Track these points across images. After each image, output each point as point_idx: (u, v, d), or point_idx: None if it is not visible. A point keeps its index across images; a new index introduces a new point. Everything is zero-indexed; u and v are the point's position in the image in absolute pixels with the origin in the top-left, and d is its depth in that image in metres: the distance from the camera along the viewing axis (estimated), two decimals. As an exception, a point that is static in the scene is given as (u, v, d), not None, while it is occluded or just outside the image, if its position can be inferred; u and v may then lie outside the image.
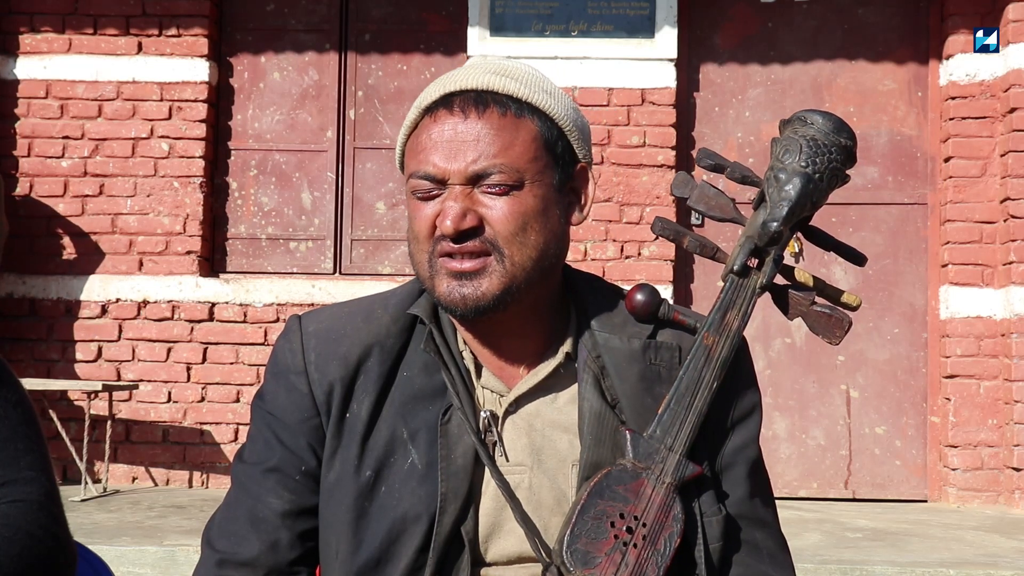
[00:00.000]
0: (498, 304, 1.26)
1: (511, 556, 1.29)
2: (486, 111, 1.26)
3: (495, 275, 1.25)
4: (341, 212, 6.02)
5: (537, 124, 1.28)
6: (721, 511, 1.30)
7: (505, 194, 1.25)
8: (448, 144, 1.25)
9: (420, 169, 1.27)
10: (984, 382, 5.64)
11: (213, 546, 1.32)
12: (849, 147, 1.32)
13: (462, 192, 1.25)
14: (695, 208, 1.37)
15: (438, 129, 1.26)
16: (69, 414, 5.70)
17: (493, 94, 1.28)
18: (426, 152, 1.27)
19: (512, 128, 1.27)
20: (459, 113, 1.26)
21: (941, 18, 5.90)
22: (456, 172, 1.25)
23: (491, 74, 1.29)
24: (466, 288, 1.25)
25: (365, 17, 6.09)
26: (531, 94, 1.29)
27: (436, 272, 1.27)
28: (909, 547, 4.33)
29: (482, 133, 1.25)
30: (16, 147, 5.93)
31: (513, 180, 1.25)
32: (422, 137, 1.28)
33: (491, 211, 1.25)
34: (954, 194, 5.73)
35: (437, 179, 1.26)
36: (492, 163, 1.25)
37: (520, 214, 1.26)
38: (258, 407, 1.36)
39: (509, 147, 1.26)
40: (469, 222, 1.24)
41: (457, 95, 1.28)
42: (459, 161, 1.25)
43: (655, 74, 5.76)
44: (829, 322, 1.35)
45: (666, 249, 5.71)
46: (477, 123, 1.26)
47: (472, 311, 1.26)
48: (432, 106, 1.29)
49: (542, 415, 1.32)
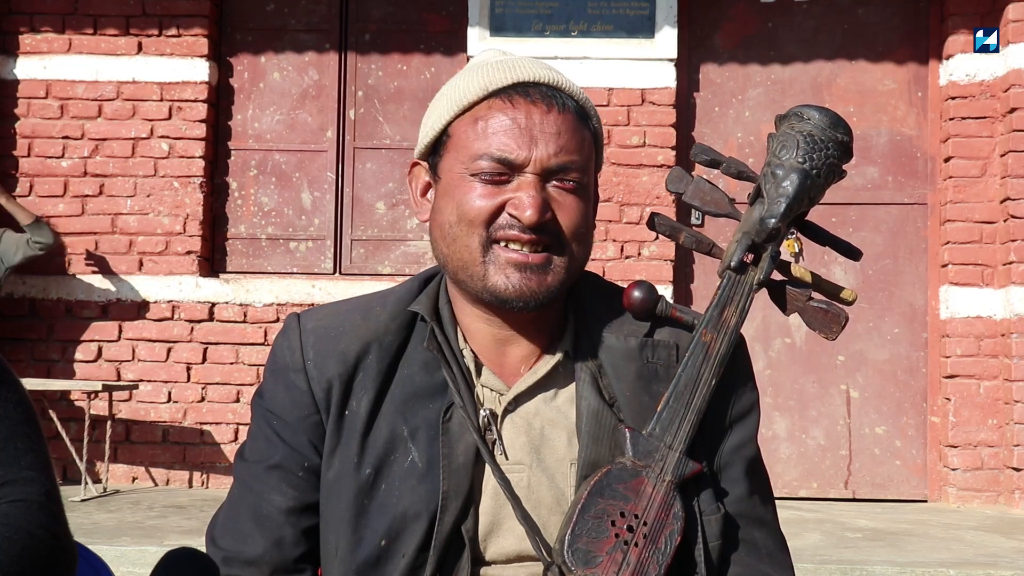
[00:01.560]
0: (556, 298, 1.28)
1: (510, 555, 1.29)
2: (565, 107, 1.27)
3: (558, 270, 1.26)
4: (341, 212, 6.02)
5: (593, 128, 1.31)
6: (720, 510, 1.30)
7: (574, 191, 1.26)
8: (527, 132, 1.24)
9: (495, 152, 1.24)
10: (984, 382, 5.64)
11: (217, 544, 1.32)
12: (846, 142, 1.32)
13: (537, 182, 1.24)
14: (690, 203, 1.37)
15: (514, 115, 1.25)
16: (69, 414, 5.70)
17: (562, 91, 1.29)
18: (499, 135, 1.25)
19: (581, 128, 1.28)
20: (540, 103, 1.26)
21: (941, 18, 5.90)
22: (538, 161, 1.24)
23: (553, 72, 1.30)
24: (531, 281, 1.25)
25: (365, 17, 6.09)
26: (586, 100, 1.32)
27: (492, 260, 1.25)
28: (909, 547, 4.33)
29: (563, 128, 1.25)
30: (16, 147, 5.93)
31: (583, 180, 1.27)
32: (494, 119, 1.25)
33: (563, 206, 1.26)
34: (954, 194, 5.73)
35: (515, 164, 1.24)
36: (571, 159, 1.25)
37: (584, 213, 1.28)
38: (258, 405, 1.36)
39: (581, 147, 1.27)
40: (548, 215, 1.25)
41: (532, 85, 1.27)
42: (541, 150, 1.24)
43: (655, 74, 5.76)
44: (826, 318, 1.35)
45: (666, 249, 5.71)
46: (559, 116, 1.26)
47: (533, 304, 1.26)
48: (504, 90, 1.27)
49: (541, 414, 1.31)
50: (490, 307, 1.30)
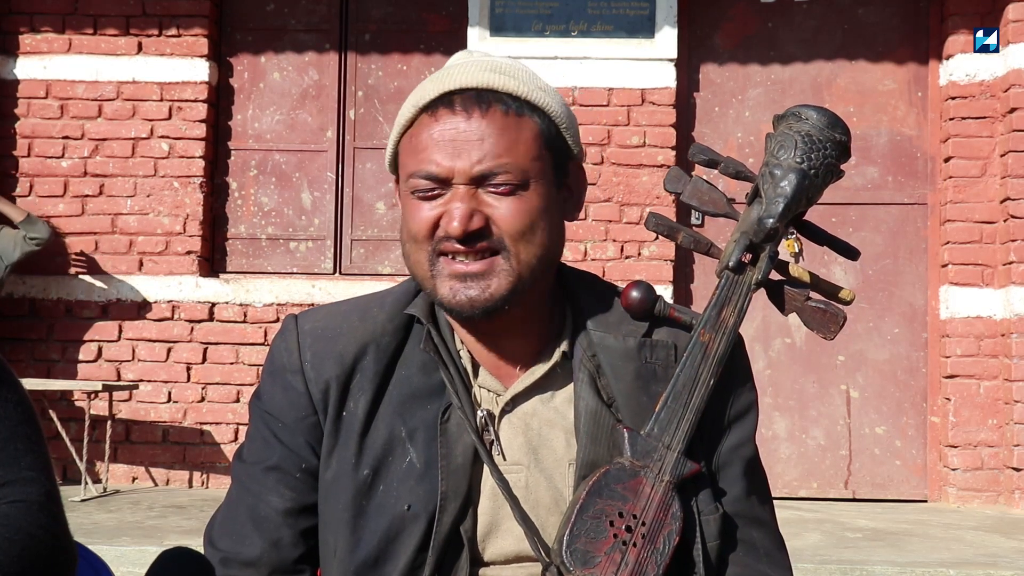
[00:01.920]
0: (505, 304, 1.25)
1: (509, 555, 1.29)
2: (489, 110, 1.25)
3: (503, 274, 1.25)
4: (341, 212, 6.03)
5: (537, 122, 1.27)
6: (718, 510, 1.30)
7: (511, 194, 1.25)
8: (451, 144, 1.24)
9: (421, 168, 1.25)
10: (984, 382, 5.64)
11: (215, 545, 1.32)
12: (844, 142, 1.32)
13: (467, 192, 1.24)
14: (688, 203, 1.37)
15: (439, 128, 1.25)
16: (69, 414, 5.70)
17: (494, 92, 1.26)
18: (427, 151, 1.25)
19: (515, 127, 1.25)
20: (462, 112, 1.25)
21: (941, 18, 5.90)
22: (461, 172, 1.23)
23: (489, 72, 1.27)
24: (472, 290, 1.24)
25: (365, 17, 6.09)
26: (530, 91, 1.28)
27: (438, 273, 1.26)
28: (909, 547, 4.33)
29: (486, 132, 1.24)
30: (16, 147, 5.93)
31: (519, 180, 1.25)
32: (422, 136, 1.26)
33: (497, 211, 1.24)
34: (954, 194, 5.73)
35: (440, 179, 1.24)
36: (498, 163, 1.24)
37: (526, 213, 1.25)
38: (256, 406, 1.36)
39: (513, 147, 1.25)
40: (476, 223, 1.23)
41: (457, 93, 1.26)
42: (464, 161, 1.23)
43: (655, 74, 5.76)
44: (824, 317, 1.35)
45: (666, 249, 5.71)
46: (481, 122, 1.24)
47: (480, 312, 1.25)
48: (431, 104, 1.27)
49: (539, 414, 1.31)
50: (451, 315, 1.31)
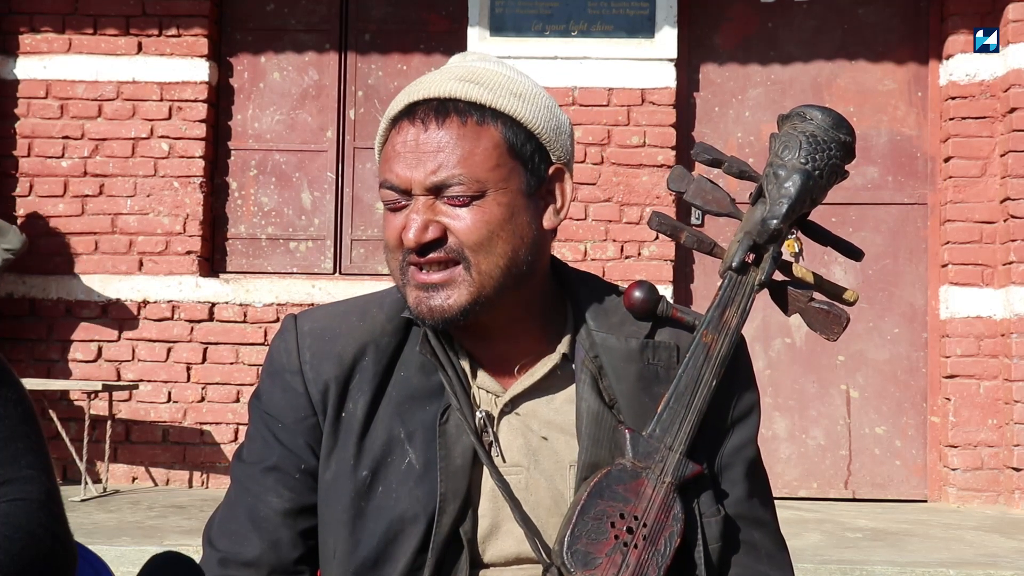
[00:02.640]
0: (465, 314, 1.25)
1: (509, 557, 1.28)
2: (446, 120, 1.25)
3: (463, 285, 1.25)
4: (341, 212, 6.02)
5: (501, 130, 1.26)
6: (720, 511, 1.29)
7: (467, 204, 1.24)
8: (410, 155, 1.25)
9: (386, 179, 1.27)
10: (984, 382, 5.63)
11: (214, 545, 1.32)
12: (848, 143, 1.31)
13: (425, 204, 1.24)
14: (691, 203, 1.37)
15: (401, 140, 1.26)
16: (69, 414, 5.70)
17: (455, 102, 1.26)
18: (390, 162, 1.27)
19: (472, 136, 1.25)
20: (419, 123, 1.25)
21: (941, 18, 5.90)
22: (417, 183, 1.24)
23: (456, 80, 1.27)
24: (433, 300, 1.25)
25: (365, 17, 6.09)
26: (495, 99, 1.26)
27: (407, 282, 1.27)
28: (909, 547, 4.33)
29: (442, 143, 1.24)
30: (16, 147, 5.93)
31: (474, 190, 1.24)
32: (388, 148, 1.28)
33: (454, 221, 1.24)
34: (954, 194, 5.73)
35: (400, 189, 1.26)
36: (451, 174, 1.24)
37: (484, 223, 1.24)
38: (255, 407, 1.36)
39: (469, 156, 1.24)
40: (431, 234, 1.24)
41: (420, 104, 1.27)
42: (419, 172, 1.24)
43: (655, 74, 5.76)
44: (827, 318, 1.35)
45: (666, 249, 5.71)
46: (437, 133, 1.24)
47: (439, 321, 1.26)
48: (397, 116, 1.28)
49: (539, 416, 1.31)
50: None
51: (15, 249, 5.41)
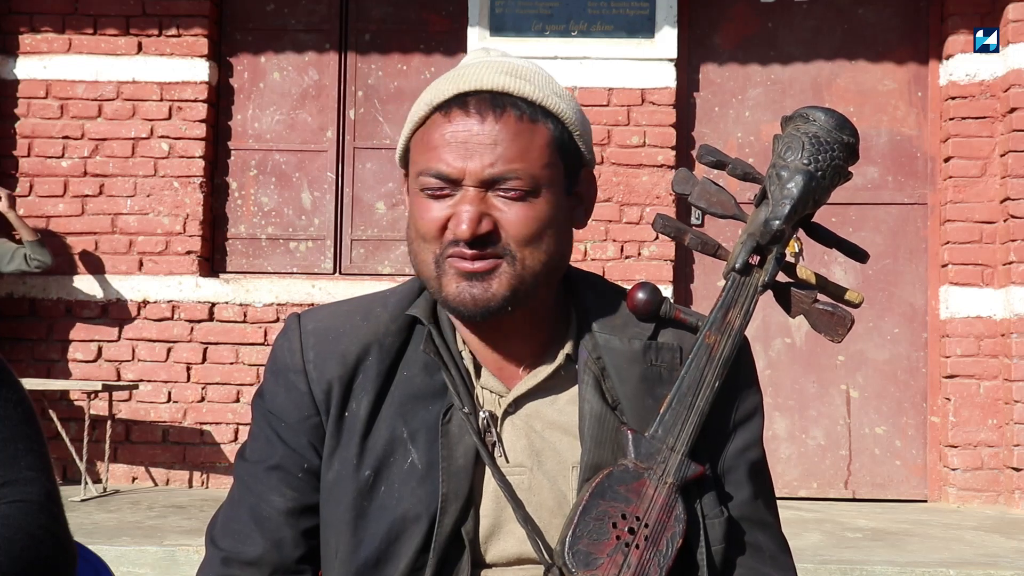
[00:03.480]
0: (505, 306, 1.25)
1: (511, 557, 1.28)
2: (503, 114, 1.24)
3: (504, 277, 1.24)
4: (341, 212, 6.02)
5: (551, 128, 1.27)
6: (723, 513, 1.29)
7: (520, 199, 1.24)
8: (463, 145, 1.23)
9: (432, 167, 1.24)
10: (984, 382, 5.64)
11: (217, 544, 1.32)
12: (851, 144, 1.31)
13: (476, 195, 1.23)
14: (696, 205, 1.36)
15: (452, 129, 1.24)
16: (69, 414, 5.70)
17: (508, 96, 1.25)
18: (438, 150, 1.24)
19: (528, 133, 1.25)
20: (475, 114, 1.24)
21: (941, 18, 5.90)
22: (472, 174, 1.23)
23: (505, 74, 1.26)
24: (475, 288, 1.24)
25: (365, 17, 6.09)
26: (545, 97, 1.27)
27: (444, 272, 1.25)
28: (909, 547, 4.33)
29: (500, 137, 1.23)
30: (16, 147, 5.93)
31: (529, 186, 1.24)
32: (434, 135, 1.25)
33: (506, 216, 1.24)
34: (954, 194, 5.73)
35: (450, 179, 1.24)
36: (509, 168, 1.23)
37: (535, 220, 1.25)
38: (258, 406, 1.35)
39: (526, 152, 1.24)
40: (485, 227, 1.23)
41: (472, 95, 1.25)
42: (475, 163, 1.23)
43: (655, 74, 5.76)
44: (831, 320, 1.34)
45: (666, 249, 5.71)
46: (495, 126, 1.23)
47: (481, 312, 1.25)
48: (445, 104, 1.26)
49: (542, 416, 1.31)
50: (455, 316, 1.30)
51: (43, 263, 5.56)
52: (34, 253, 5.48)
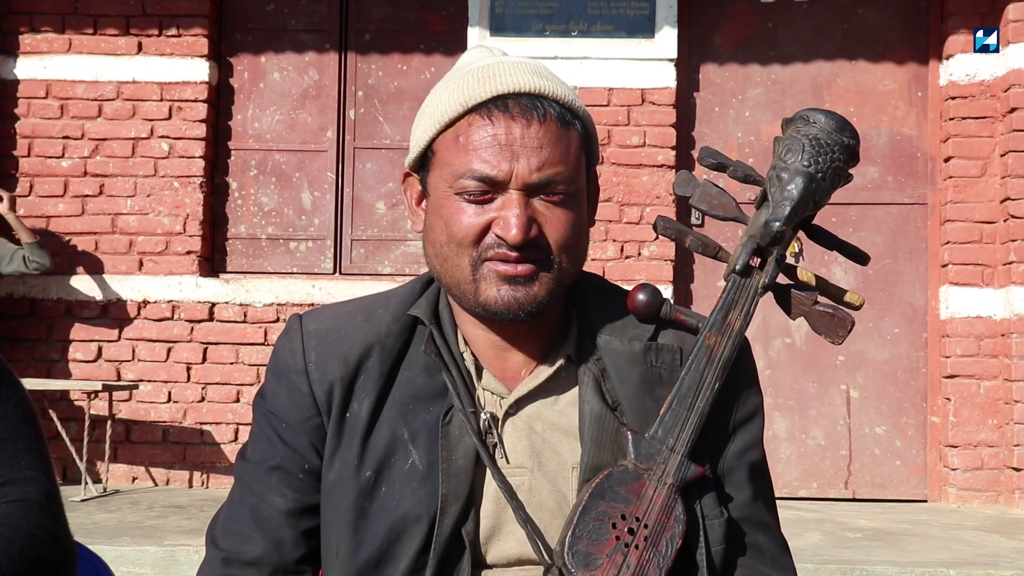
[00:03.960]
0: (545, 309, 1.26)
1: (511, 558, 1.28)
2: (546, 117, 1.23)
3: (545, 280, 1.24)
4: (341, 212, 6.02)
5: (579, 130, 1.27)
6: (723, 514, 1.29)
7: (562, 204, 1.24)
8: (508, 148, 1.21)
9: (474, 170, 1.22)
10: (984, 382, 5.64)
11: (217, 544, 1.32)
12: (852, 146, 1.31)
13: (522, 199, 1.22)
14: (697, 207, 1.37)
15: (494, 131, 1.22)
16: (69, 414, 5.70)
17: (546, 98, 1.24)
18: (480, 152, 1.22)
19: (566, 136, 1.24)
20: (520, 117, 1.22)
21: (941, 18, 5.90)
22: (519, 177, 1.21)
23: (537, 76, 1.26)
24: (519, 292, 1.23)
25: (365, 17, 6.09)
26: (573, 99, 1.27)
27: (482, 276, 1.24)
28: (909, 547, 4.33)
29: (545, 140, 1.22)
30: (16, 147, 5.93)
31: (571, 190, 1.24)
32: (473, 136, 1.23)
33: (550, 221, 1.23)
34: (954, 194, 5.73)
35: (495, 182, 1.22)
36: (556, 172, 1.22)
37: (574, 224, 1.25)
38: (260, 406, 1.36)
39: (566, 156, 1.23)
40: (533, 232, 1.22)
41: (511, 97, 1.24)
42: (522, 166, 1.21)
43: (655, 74, 5.76)
44: (832, 322, 1.35)
45: (666, 249, 5.71)
46: (540, 129, 1.22)
47: (525, 314, 1.25)
48: (482, 105, 1.24)
49: (543, 417, 1.31)
50: (483, 318, 1.30)
51: (41, 265, 5.54)
52: (32, 255, 5.48)
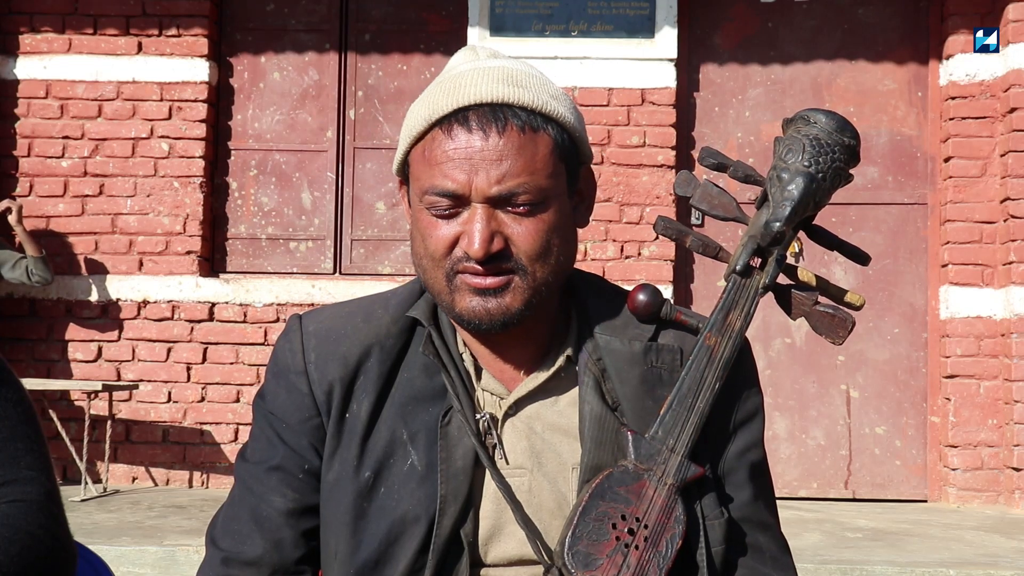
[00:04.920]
0: (521, 318, 1.25)
1: (511, 558, 1.28)
2: (506, 128, 1.22)
3: (518, 291, 1.24)
4: (341, 212, 6.02)
5: (551, 134, 1.25)
6: (723, 514, 1.29)
7: (529, 214, 1.23)
8: (468, 162, 1.21)
9: (438, 185, 1.22)
10: (984, 382, 5.64)
11: (217, 544, 1.32)
12: (852, 146, 1.31)
13: (485, 212, 1.21)
14: (698, 207, 1.36)
15: (454, 145, 1.22)
16: (69, 414, 5.70)
17: (509, 107, 1.23)
18: (442, 167, 1.22)
19: (532, 144, 1.23)
20: (478, 130, 1.22)
21: (941, 18, 5.90)
22: (479, 191, 1.21)
23: (502, 83, 1.24)
24: (490, 303, 1.23)
25: (365, 17, 6.09)
26: (543, 103, 1.25)
27: (456, 288, 1.24)
28: (909, 547, 4.33)
29: (505, 152, 1.21)
30: (16, 147, 5.93)
31: (538, 199, 1.23)
32: (436, 151, 1.23)
33: (516, 232, 1.23)
34: (954, 194, 5.73)
35: (457, 195, 1.22)
36: (518, 183, 1.21)
37: (544, 232, 1.24)
38: (259, 406, 1.36)
39: (531, 165, 1.22)
40: (497, 245, 1.22)
41: (472, 109, 1.23)
42: (481, 180, 1.21)
43: (655, 74, 5.76)
44: (832, 322, 1.35)
45: (666, 249, 5.71)
46: (499, 141, 1.21)
47: (498, 325, 1.25)
48: (444, 119, 1.24)
49: (542, 418, 1.31)
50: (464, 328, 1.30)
51: (44, 279, 5.57)
52: (36, 269, 5.50)
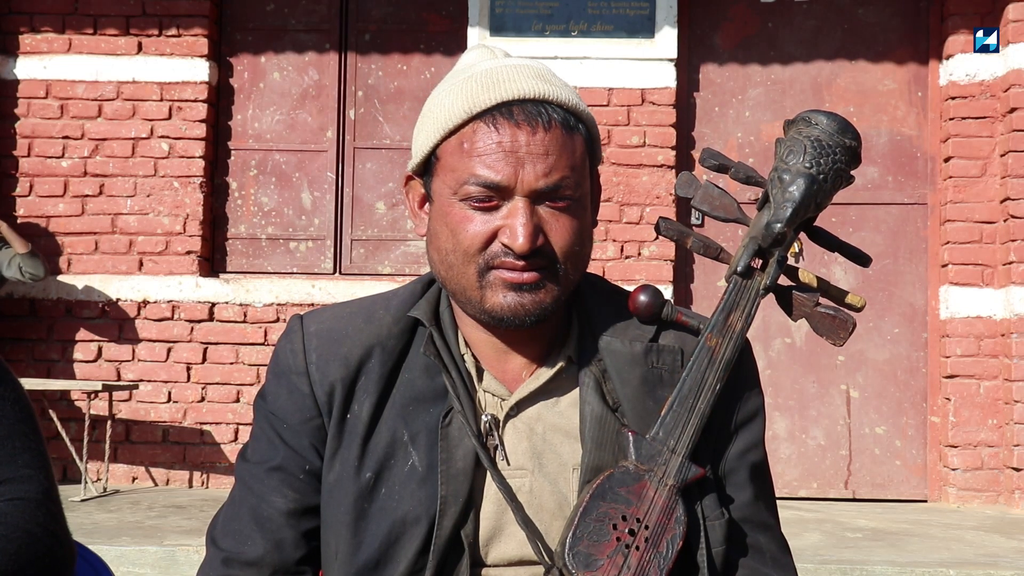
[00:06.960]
0: (550, 314, 1.27)
1: (512, 559, 1.28)
2: (551, 123, 1.23)
3: (550, 287, 1.25)
4: (341, 212, 6.02)
5: (583, 134, 1.27)
6: (724, 515, 1.29)
7: (567, 210, 1.24)
8: (514, 155, 1.21)
9: (482, 176, 1.22)
10: (984, 382, 5.64)
11: (218, 545, 1.32)
12: (854, 148, 1.31)
13: (528, 206, 1.22)
14: (699, 208, 1.36)
15: (499, 138, 1.22)
16: (69, 414, 5.70)
17: (550, 104, 1.24)
18: (485, 159, 1.22)
19: (571, 141, 1.24)
20: (525, 124, 1.22)
21: (941, 18, 5.90)
22: (526, 184, 1.21)
23: (540, 80, 1.25)
24: (525, 299, 1.24)
25: (365, 17, 6.09)
26: (577, 103, 1.26)
27: (488, 284, 1.24)
28: (909, 547, 4.33)
29: (550, 146, 1.22)
30: (16, 147, 5.93)
31: (577, 196, 1.24)
32: (479, 144, 1.23)
33: (554, 228, 1.23)
34: (954, 194, 5.73)
35: (501, 188, 1.22)
36: (562, 177, 1.22)
37: (579, 230, 1.25)
38: (260, 407, 1.36)
39: (572, 160, 1.24)
40: (540, 240, 1.23)
41: (515, 103, 1.24)
42: (529, 173, 1.21)
43: (655, 74, 5.76)
44: (833, 323, 1.35)
45: (666, 249, 5.71)
46: (545, 136, 1.22)
47: (531, 321, 1.25)
48: (487, 112, 1.24)
49: (543, 419, 1.31)
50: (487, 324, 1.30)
51: (36, 276, 5.55)
52: (26, 266, 5.46)
